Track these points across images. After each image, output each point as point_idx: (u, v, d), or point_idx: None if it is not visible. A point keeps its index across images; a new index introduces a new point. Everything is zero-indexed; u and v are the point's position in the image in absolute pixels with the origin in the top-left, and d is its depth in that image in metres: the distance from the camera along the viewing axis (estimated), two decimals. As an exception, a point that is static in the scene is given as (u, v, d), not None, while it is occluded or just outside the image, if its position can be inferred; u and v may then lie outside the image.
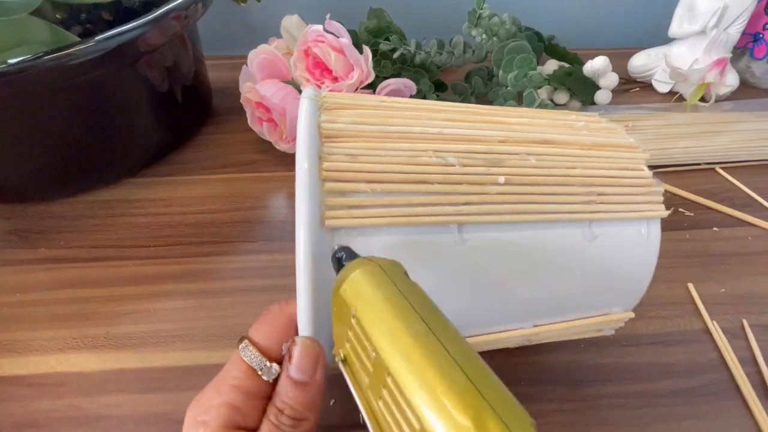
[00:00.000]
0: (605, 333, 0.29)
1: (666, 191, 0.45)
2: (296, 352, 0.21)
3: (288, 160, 0.48)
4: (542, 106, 0.48)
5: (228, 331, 0.34)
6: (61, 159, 0.43)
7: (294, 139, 0.47)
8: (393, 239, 0.22)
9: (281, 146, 0.47)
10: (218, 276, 0.38)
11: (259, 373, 0.22)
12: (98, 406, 0.30)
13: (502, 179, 0.23)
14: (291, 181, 0.47)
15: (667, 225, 0.42)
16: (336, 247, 0.20)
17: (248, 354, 0.22)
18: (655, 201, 0.26)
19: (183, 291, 0.37)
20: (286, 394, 0.21)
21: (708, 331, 0.34)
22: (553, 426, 0.30)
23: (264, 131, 0.48)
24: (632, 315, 0.28)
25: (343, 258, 0.19)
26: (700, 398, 0.31)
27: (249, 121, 0.49)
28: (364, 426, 0.16)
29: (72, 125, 0.41)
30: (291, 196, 0.45)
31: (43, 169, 0.43)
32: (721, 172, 0.47)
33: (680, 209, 0.44)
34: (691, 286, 0.37)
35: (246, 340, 0.23)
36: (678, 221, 0.43)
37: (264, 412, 0.21)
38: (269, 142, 0.48)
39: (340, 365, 0.17)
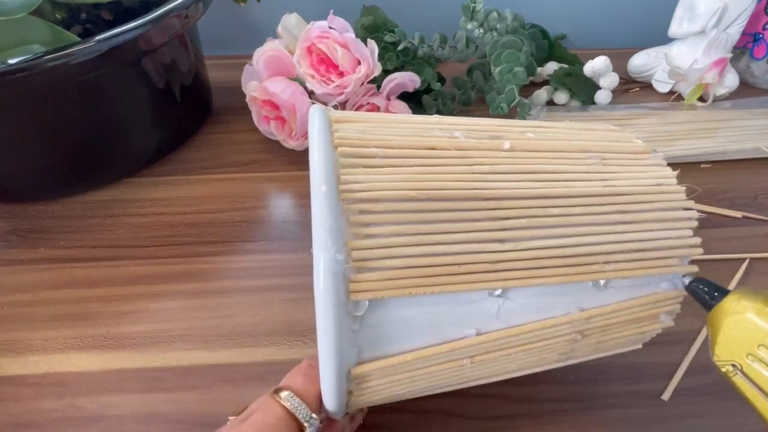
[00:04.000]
0: (662, 321, 0.25)
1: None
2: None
3: (290, 160, 0.48)
4: (520, 105, 0.48)
5: (228, 331, 0.34)
6: (61, 159, 0.43)
7: (303, 135, 0.46)
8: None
9: (290, 143, 0.47)
10: (218, 276, 0.38)
11: (305, 425, 0.22)
12: (98, 406, 0.30)
13: (507, 144, 0.23)
14: (291, 180, 0.47)
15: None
16: (689, 280, 0.23)
17: (294, 403, 0.22)
18: (660, 164, 0.26)
19: (183, 291, 0.37)
20: None
21: (708, 331, 0.34)
22: (553, 426, 0.30)
23: (271, 129, 0.47)
24: (695, 268, 0.24)
25: (706, 288, 0.22)
26: (700, 398, 0.31)
27: (255, 121, 0.48)
28: None
29: (72, 125, 0.41)
30: (292, 195, 0.45)
31: (43, 169, 0.43)
32: (720, 170, 0.47)
33: (680, 209, 0.44)
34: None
35: (289, 390, 0.23)
36: (678, 221, 0.42)
37: None
38: (269, 142, 0.48)
39: (737, 374, 0.20)
